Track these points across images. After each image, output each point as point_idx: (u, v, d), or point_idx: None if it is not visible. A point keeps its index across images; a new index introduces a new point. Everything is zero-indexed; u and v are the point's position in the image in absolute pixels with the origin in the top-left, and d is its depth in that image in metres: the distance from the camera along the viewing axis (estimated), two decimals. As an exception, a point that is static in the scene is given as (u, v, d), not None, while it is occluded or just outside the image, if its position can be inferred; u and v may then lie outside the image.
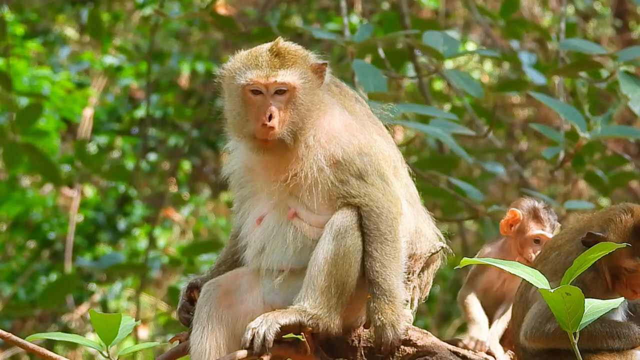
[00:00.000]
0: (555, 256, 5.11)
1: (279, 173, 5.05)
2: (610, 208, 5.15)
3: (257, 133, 4.99)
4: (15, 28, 14.36)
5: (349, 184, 5.00)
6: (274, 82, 5.00)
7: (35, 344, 4.58)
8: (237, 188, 5.24)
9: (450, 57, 7.58)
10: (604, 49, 7.88)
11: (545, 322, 4.97)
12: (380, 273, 4.93)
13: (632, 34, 16.70)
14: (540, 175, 16.33)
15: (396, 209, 5.01)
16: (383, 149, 5.12)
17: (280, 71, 5.01)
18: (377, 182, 5.01)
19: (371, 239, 4.96)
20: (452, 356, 5.01)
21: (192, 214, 16.33)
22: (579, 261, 4.17)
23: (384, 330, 4.93)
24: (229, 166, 5.27)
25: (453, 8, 16.48)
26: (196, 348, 5.06)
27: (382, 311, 4.92)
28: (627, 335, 4.98)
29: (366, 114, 5.24)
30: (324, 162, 5.02)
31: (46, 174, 10.65)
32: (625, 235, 4.99)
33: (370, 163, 5.03)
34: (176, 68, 15.25)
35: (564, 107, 7.46)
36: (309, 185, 5.01)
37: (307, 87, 5.05)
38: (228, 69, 5.12)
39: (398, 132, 13.64)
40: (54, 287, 10.90)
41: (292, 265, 5.04)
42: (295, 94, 5.02)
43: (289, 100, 5.01)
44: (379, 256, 4.94)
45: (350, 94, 5.28)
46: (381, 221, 4.96)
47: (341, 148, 5.02)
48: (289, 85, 5.01)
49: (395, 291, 4.93)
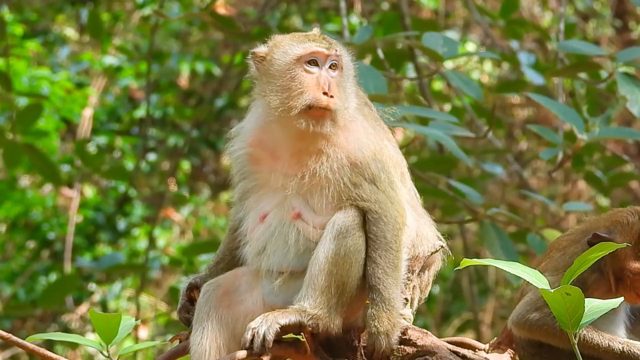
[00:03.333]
0: (560, 256, 5.13)
1: (300, 164, 5.02)
2: (617, 210, 5.17)
3: (317, 101, 4.96)
4: (14, 28, 14.35)
5: (362, 188, 5.00)
6: (335, 52, 5.06)
7: (34, 344, 4.58)
8: (239, 177, 5.21)
9: (449, 59, 7.58)
10: (602, 50, 7.88)
11: (532, 311, 5.00)
12: (382, 280, 4.94)
13: (632, 34, 16.71)
14: (539, 175, 16.34)
15: (402, 219, 5.03)
16: (392, 155, 5.14)
17: (336, 45, 5.09)
18: (388, 189, 5.03)
19: (376, 245, 4.96)
20: (452, 356, 5.01)
21: (192, 214, 16.32)
22: (579, 261, 4.17)
23: (378, 338, 4.94)
24: (232, 150, 5.22)
25: (453, 8, 16.48)
26: (196, 348, 5.06)
27: (379, 319, 4.92)
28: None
29: (374, 117, 5.25)
30: (345, 162, 5.01)
31: (46, 174, 10.65)
32: (632, 237, 5.01)
33: (383, 169, 5.04)
34: (176, 68, 15.25)
35: (563, 109, 7.46)
36: (323, 184, 5.01)
37: (350, 70, 5.12)
38: (272, 47, 5.11)
39: (398, 133, 13.65)
40: (53, 287, 10.91)
41: (293, 267, 5.04)
42: (344, 74, 5.08)
43: (339, 77, 5.05)
44: (383, 263, 4.95)
45: (360, 96, 5.28)
46: (388, 229, 4.97)
47: (361, 150, 5.03)
48: (343, 62, 5.06)
49: (394, 301, 4.94)
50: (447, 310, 15.86)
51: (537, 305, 4.97)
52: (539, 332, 5.00)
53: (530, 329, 5.02)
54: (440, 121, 7.31)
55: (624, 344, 4.97)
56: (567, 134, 8.22)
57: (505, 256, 7.65)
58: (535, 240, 8.06)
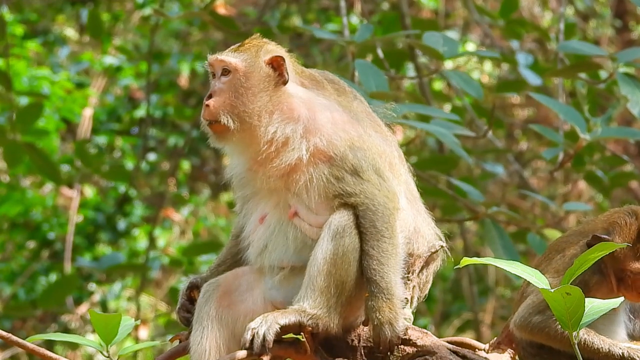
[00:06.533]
0: (560, 258, 5.12)
1: (273, 167, 5.03)
2: (614, 211, 5.16)
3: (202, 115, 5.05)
4: (14, 28, 14.35)
5: (344, 181, 4.96)
6: (216, 58, 5.07)
7: (34, 344, 4.58)
8: (239, 188, 5.23)
9: (450, 58, 7.58)
10: (602, 51, 7.88)
11: (534, 314, 5.00)
12: (378, 271, 4.91)
13: (632, 34, 16.71)
14: (540, 175, 16.34)
15: (392, 204, 4.98)
16: (377, 144, 5.07)
17: (228, 52, 5.08)
18: (373, 177, 4.98)
19: (367, 237, 4.93)
20: (451, 356, 5.01)
21: (192, 214, 16.33)
22: (579, 261, 4.17)
23: (382, 328, 4.91)
24: (230, 167, 5.27)
25: (453, 8, 16.48)
26: (196, 348, 5.06)
27: (380, 309, 4.90)
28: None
29: (364, 111, 5.20)
30: (305, 153, 4.97)
31: (46, 173, 10.65)
32: (630, 238, 5.00)
33: (365, 158, 4.99)
34: (176, 68, 15.26)
35: (564, 108, 7.45)
36: (307, 182, 5.00)
37: (254, 73, 5.04)
38: None
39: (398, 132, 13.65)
40: (53, 287, 10.92)
41: (293, 263, 5.04)
42: (237, 77, 5.03)
43: (231, 82, 5.02)
44: (376, 254, 4.92)
45: (348, 91, 5.25)
46: (377, 218, 4.93)
47: (327, 141, 4.98)
48: (230, 65, 5.03)
49: (393, 289, 4.91)
50: (447, 310, 15.86)
51: (539, 308, 4.96)
52: (541, 335, 5.00)
53: (532, 331, 5.02)
54: (441, 120, 7.31)
55: (625, 349, 4.97)
56: (568, 134, 8.22)
57: (507, 255, 7.65)
58: (535, 240, 8.06)
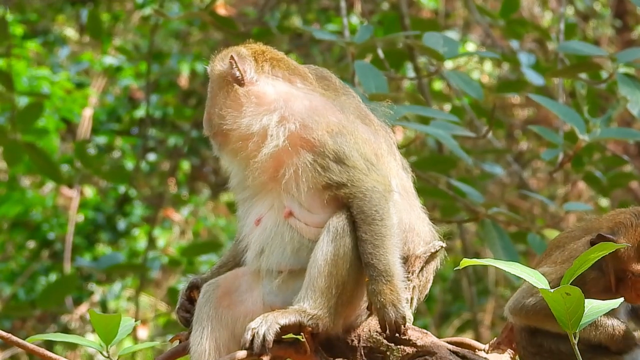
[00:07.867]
0: (559, 253, 5.13)
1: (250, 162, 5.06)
2: (620, 211, 5.15)
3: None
4: (14, 28, 14.36)
5: (330, 169, 4.93)
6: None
7: (34, 344, 4.58)
8: (238, 191, 5.23)
9: (450, 58, 7.58)
10: (602, 51, 7.87)
11: (527, 296, 5.00)
12: (374, 254, 4.89)
13: (632, 34, 16.72)
14: (539, 175, 16.35)
15: (383, 186, 4.95)
16: (361, 132, 5.05)
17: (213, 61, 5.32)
18: (359, 162, 4.96)
19: (359, 223, 4.91)
20: (451, 356, 5.01)
21: (192, 214, 16.33)
22: (580, 260, 4.17)
23: (385, 310, 4.88)
24: (230, 172, 5.27)
25: (453, 8, 16.48)
26: (196, 348, 5.06)
27: (381, 292, 4.87)
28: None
29: (353, 104, 5.18)
30: (283, 140, 4.97)
31: (47, 172, 10.66)
32: (635, 239, 5.00)
33: (346, 143, 4.96)
34: (176, 68, 15.26)
35: (563, 109, 7.45)
36: (290, 173, 4.97)
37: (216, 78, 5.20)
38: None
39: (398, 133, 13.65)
40: (53, 287, 10.91)
41: (291, 266, 5.03)
42: (210, 86, 5.23)
43: (209, 91, 5.23)
44: (370, 238, 4.89)
45: (339, 87, 5.23)
46: (365, 203, 4.90)
47: (300, 124, 4.97)
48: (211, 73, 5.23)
49: (391, 269, 4.88)
50: (447, 311, 15.86)
51: (532, 291, 4.96)
52: (536, 317, 4.99)
53: (527, 314, 5.01)
54: (441, 120, 7.31)
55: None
56: (567, 135, 8.21)
57: (506, 256, 7.65)
58: (535, 240, 8.06)
